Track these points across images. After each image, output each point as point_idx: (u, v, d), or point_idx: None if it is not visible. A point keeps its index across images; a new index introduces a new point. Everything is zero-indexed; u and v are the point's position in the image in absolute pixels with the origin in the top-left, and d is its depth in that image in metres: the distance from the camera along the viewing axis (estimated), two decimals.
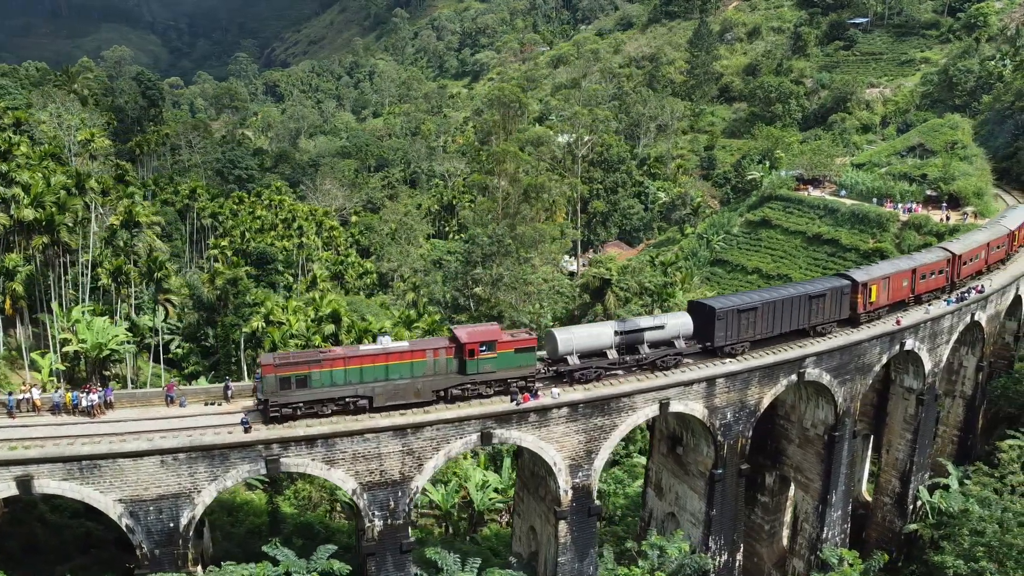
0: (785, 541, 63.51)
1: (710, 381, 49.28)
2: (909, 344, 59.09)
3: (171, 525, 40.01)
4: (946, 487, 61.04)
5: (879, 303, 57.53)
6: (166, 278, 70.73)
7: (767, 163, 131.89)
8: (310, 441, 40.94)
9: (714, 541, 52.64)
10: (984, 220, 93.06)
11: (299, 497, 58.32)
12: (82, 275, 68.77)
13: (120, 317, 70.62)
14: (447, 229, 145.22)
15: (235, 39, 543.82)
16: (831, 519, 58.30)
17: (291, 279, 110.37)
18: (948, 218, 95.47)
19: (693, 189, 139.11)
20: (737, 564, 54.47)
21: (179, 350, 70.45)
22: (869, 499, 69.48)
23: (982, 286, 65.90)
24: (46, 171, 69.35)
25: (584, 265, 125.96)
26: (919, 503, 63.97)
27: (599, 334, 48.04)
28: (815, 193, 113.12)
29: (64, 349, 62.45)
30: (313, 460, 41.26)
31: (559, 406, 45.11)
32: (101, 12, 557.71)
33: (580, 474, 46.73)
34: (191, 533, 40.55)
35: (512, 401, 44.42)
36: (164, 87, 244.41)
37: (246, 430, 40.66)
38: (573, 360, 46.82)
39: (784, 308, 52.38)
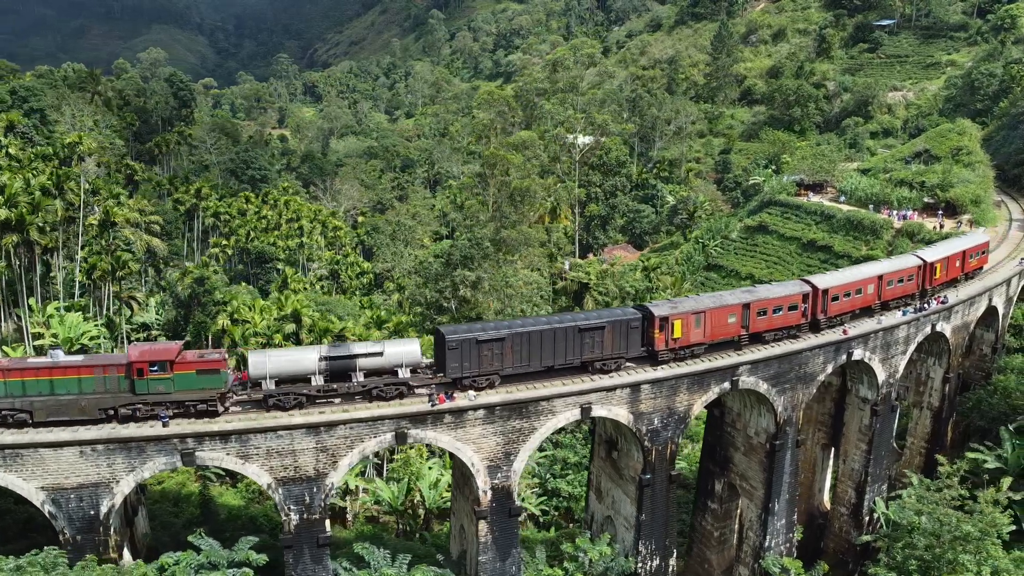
0: (735, 549, 63.49)
1: (634, 387, 49.76)
2: (858, 354, 58.68)
3: (91, 513, 42.11)
4: (896, 498, 60.37)
5: (689, 341, 51.59)
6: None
7: (772, 167, 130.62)
8: (224, 436, 42.64)
9: (644, 545, 53.07)
10: (975, 228, 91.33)
11: (250, 490, 60.37)
12: (66, 272, 71.96)
13: (110, 313, 73.70)
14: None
15: (280, 40, 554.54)
16: (774, 528, 58.24)
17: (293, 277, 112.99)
18: (942, 226, 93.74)
19: (702, 193, 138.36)
20: (670, 569, 54.78)
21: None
22: (829, 508, 69.00)
23: (945, 297, 65.01)
24: (34, 172, 72.79)
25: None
26: (875, 514, 63.55)
27: (300, 358, 45.15)
28: (815, 199, 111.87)
29: (36, 343, 65.77)
30: (228, 455, 42.95)
31: (475, 408, 46.12)
32: (152, 14, 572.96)
33: (499, 475, 47.67)
34: (111, 521, 42.60)
35: (428, 402, 45.61)
36: (198, 88, 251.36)
37: (164, 424, 42.55)
38: (268, 385, 44.13)
39: (543, 340, 47.95)
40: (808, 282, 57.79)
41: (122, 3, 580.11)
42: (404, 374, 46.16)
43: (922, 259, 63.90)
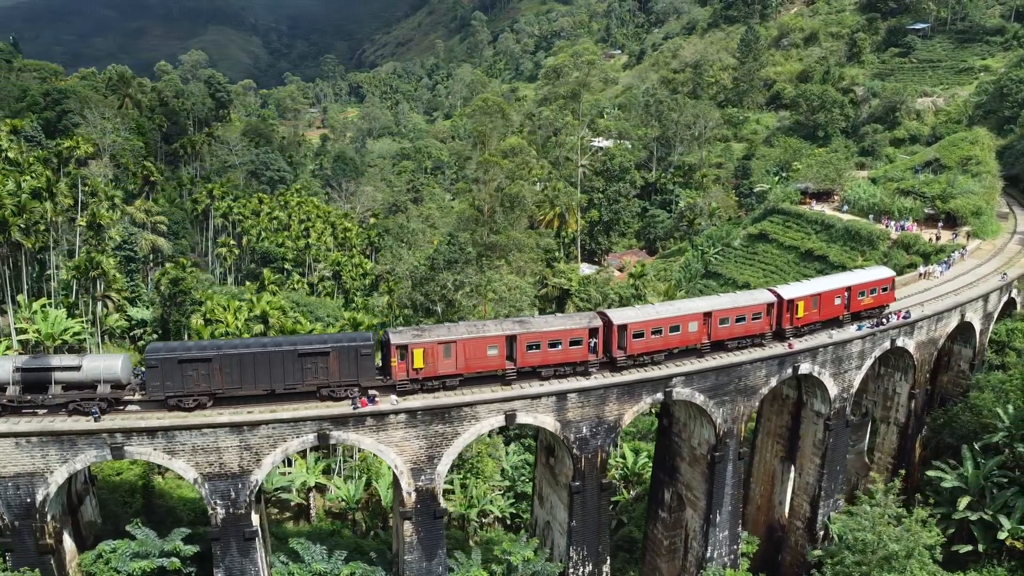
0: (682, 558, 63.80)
1: (560, 395, 50.71)
2: (805, 368, 58.50)
3: (28, 501, 44.89)
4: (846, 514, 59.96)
5: (435, 372, 48.61)
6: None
7: (782, 175, 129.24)
8: (151, 432, 45.00)
9: (576, 552, 53.93)
10: (971, 240, 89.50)
11: None
12: (57, 271, 76.02)
13: (96, 310, 77.43)
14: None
15: (330, 41, 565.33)
16: (716, 539, 58.48)
17: (299, 277, 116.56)
18: (938, 238, 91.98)
19: (715, 199, 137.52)
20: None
21: (141, 342, 76.99)
22: (787, 522, 68.68)
23: (907, 312, 64.22)
24: (32, 175, 76.95)
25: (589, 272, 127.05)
26: (830, 529, 63.17)
27: None
28: (817, 207, 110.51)
29: (19, 338, 69.63)
30: (155, 450, 45.32)
31: (396, 412, 47.64)
32: (209, 15, 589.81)
33: (423, 477, 49.12)
34: (47, 508, 45.29)
35: (351, 405, 47.32)
36: (237, 89, 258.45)
37: (96, 419, 45.08)
38: None
39: (256, 363, 46.32)
40: (603, 315, 53.63)
41: (180, 4, 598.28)
42: (104, 390, 45.62)
43: (777, 295, 58.05)
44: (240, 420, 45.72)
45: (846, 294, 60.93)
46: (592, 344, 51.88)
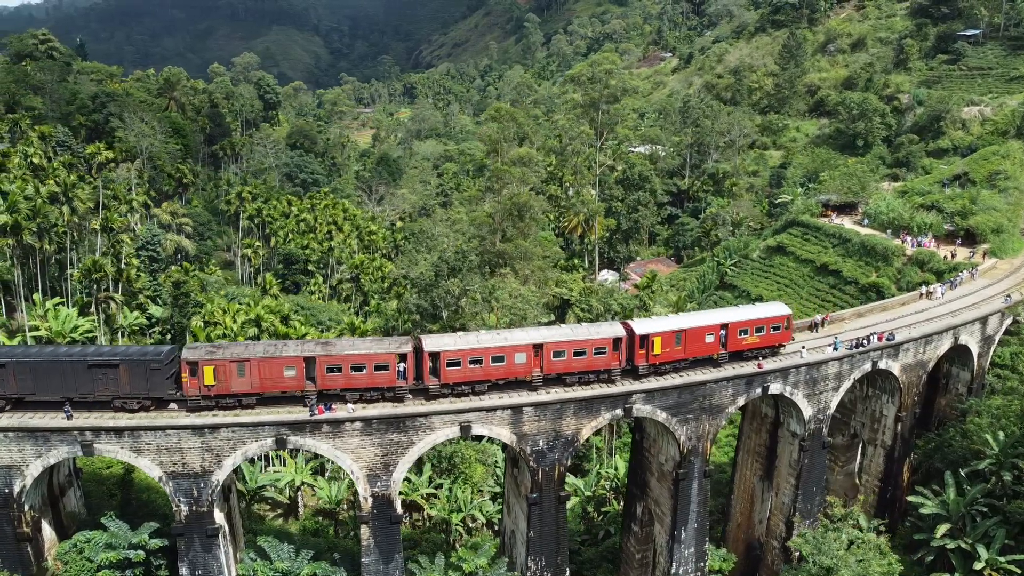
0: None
1: (516, 409, 51.68)
2: (776, 388, 58.20)
3: (6, 491, 48.01)
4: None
5: (228, 390, 48.39)
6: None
7: (808, 185, 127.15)
8: (118, 431, 47.66)
9: (534, 562, 54.89)
10: (987, 259, 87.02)
11: None
12: (71, 271, 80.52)
13: (113, 310, 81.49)
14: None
15: (389, 41, 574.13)
16: (681, 555, 58.69)
17: (321, 279, 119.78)
18: (954, 255, 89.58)
19: (742, 209, 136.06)
20: None
21: (149, 340, 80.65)
22: (765, 540, 68.28)
23: (891, 333, 63.22)
24: (56, 181, 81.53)
25: (606, 280, 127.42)
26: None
27: None
28: (837, 221, 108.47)
29: (32, 334, 73.76)
30: (122, 448, 47.99)
31: (352, 420, 49.37)
32: (273, 16, 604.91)
33: (379, 484, 50.76)
34: (24, 499, 48.36)
35: (308, 412, 49.24)
36: (287, 91, 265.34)
37: (68, 417, 47.94)
38: None
39: (50, 371, 47.53)
40: (417, 340, 52.30)
41: (246, 5, 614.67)
42: None
43: (629, 329, 54.41)
44: (201, 423, 48.05)
45: (722, 331, 56.62)
46: (401, 370, 50.35)
